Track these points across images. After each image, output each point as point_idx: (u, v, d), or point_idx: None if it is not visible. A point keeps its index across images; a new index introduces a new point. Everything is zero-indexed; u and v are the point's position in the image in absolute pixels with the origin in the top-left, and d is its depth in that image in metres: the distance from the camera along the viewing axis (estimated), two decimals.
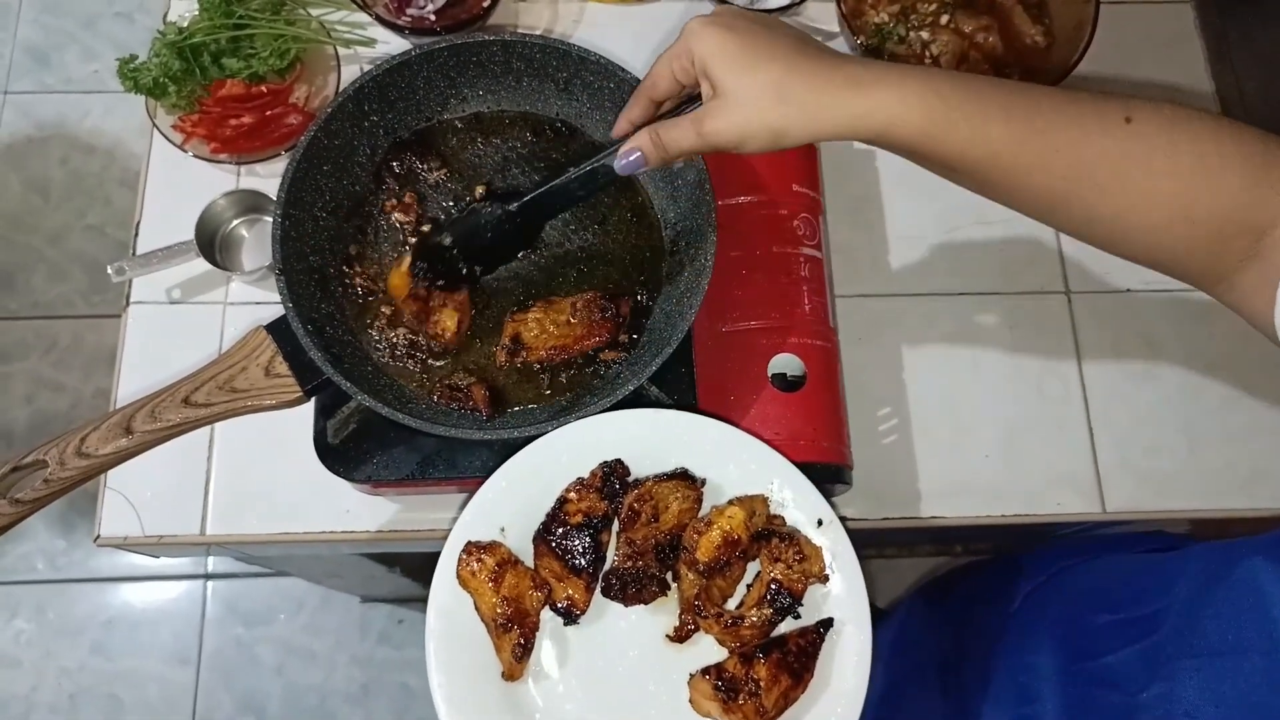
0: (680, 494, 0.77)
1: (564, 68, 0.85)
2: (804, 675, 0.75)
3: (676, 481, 0.78)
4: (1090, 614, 0.82)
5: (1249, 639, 0.62)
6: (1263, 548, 0.65)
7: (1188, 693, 0.65)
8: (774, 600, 0.75)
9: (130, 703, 1.79)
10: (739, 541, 0.75)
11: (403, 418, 0.73)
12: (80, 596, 1.85)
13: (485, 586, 0.74)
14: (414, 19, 0.97)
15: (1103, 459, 0.93)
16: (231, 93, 0.94)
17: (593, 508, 0.77)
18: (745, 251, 0.86)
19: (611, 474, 0.78)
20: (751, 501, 0.78)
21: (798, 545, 0.77)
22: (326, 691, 1.81)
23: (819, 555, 0.78)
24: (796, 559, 0.76)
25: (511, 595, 0.74)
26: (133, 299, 0.94)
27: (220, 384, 0.73)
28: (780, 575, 0.75)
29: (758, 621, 0.75)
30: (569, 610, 0.76)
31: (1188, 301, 0.98)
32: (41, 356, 1.93)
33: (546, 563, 0.76)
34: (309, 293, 0.78)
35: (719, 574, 0.77)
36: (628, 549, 0.76)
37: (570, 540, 0.76)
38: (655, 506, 0.77)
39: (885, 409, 0.93)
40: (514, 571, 0.75)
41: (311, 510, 0.88)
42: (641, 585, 0.76)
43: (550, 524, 0.77)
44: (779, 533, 0.78)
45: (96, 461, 0.69)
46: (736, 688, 0.73)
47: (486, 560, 0.75)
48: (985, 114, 0.59)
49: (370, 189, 0.85)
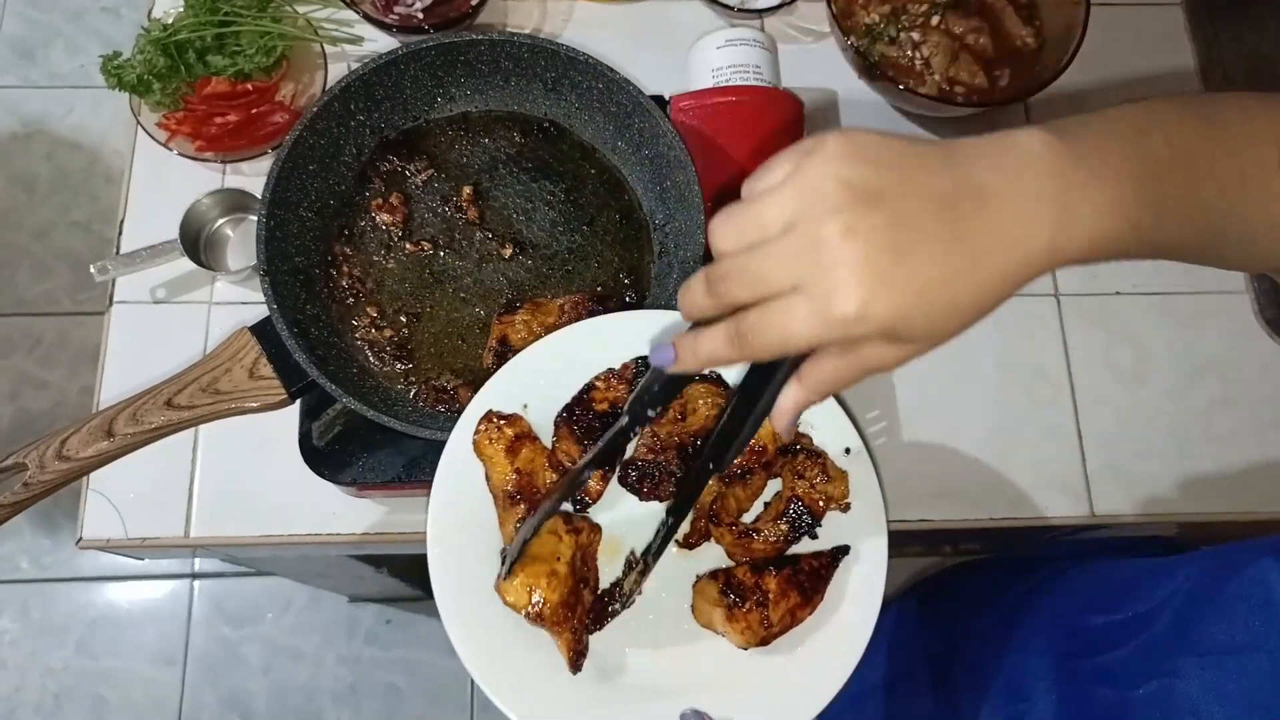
0: (711, 397, 0.75)
1: (552, 67, 0.84)
2: (814, 597, 0.72)
3: (709, 385, 0.75)
4: (1085, 614, 0.82)
5: (1258, 637, 0.62)
6: (1273, 549, 0.65)
7: (1191, 690, 0.65)
8: (792, 517, 0.73)
9: (115, 703, 1.78)
10: (765, 451, 0.73)
11: (388, 420, 0.72)
12: (65, 596, 1.84)
13: (500, 455, 0.71)
14: (401, 17, 0.96)
15: (1091, 462, 0.93)
16: (217, 90, 0.93)
17: (619, 398, 0.74)
18: None
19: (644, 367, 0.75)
20: None
21: (824, 465, 0.74)
22: (313, 691, 1.81)
23: (844, 479, 0.75)
24: (820, 478, 0.73)
25: (525, 469, 0.71)
26: (116, 298, 0.93)
27: (204, 386, 0.72)
28: (802, 491, 0.73)
29: (772, 536, 0.72)
30: (582, 497, 0.73)
31: (1176, 304, 0.98)
32: (26, 354, 1.92)
33: (565, 446, 0.74)
34: (294, 294, 0.78)
35: (739, 482, 0.74)
36: (651, 442, 0.73)
37: (592, 426, 0.73)
38: (684, 405, 0.74)
39: (874, 411, 0.93)
40: (531, 447, 0.72)
41: (297, 512, 0.87)
42: (659, 480, 0.73)
43: (574, 407, 0.74)
44: (806, 449, 0.75)
45: (77, 464, 0.68)
46: (744, 595, 0.70)
47: (506, 430, 0.72)
48: (1168, 212, 0.51)
49: (356, 189, 0.85)
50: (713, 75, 0.93)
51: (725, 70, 0.93)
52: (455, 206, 0.85)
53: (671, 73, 0.97)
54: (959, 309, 0.48)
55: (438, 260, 0.83)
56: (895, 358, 0.50)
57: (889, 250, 0.46)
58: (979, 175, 0.48)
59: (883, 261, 0.46)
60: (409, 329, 0.81)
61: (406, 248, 0.83)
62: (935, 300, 0.47)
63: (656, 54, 0.99)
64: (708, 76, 0.93)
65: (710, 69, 0.93)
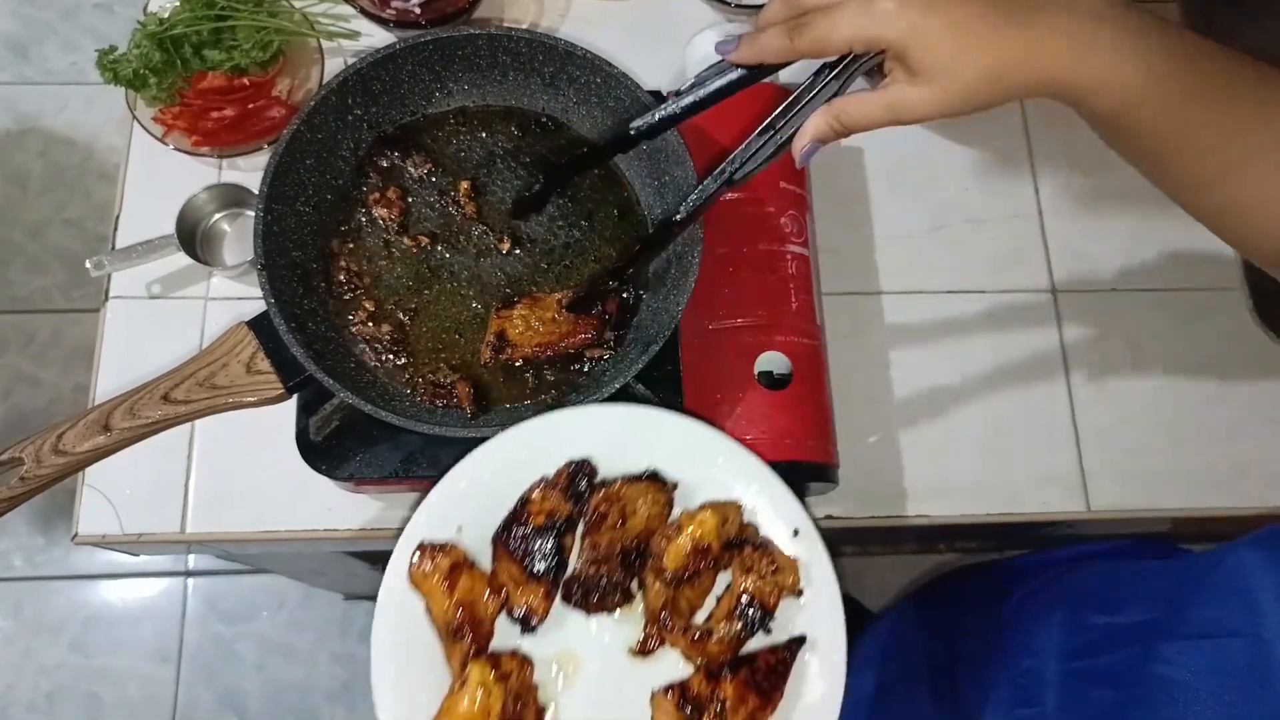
0: (650, 497, 0.74)
1: (550, 62, 0.84)
2: (773, 695, 0.71)
3: (646, 484, 0.74)
4: (1084, 616, 0.82)
5: (1236, 623, 0.64)
6: (1250, 541, 0.67)
7: (1171, 672, 0.66)
8: (745, 613, 0.72)
9: (110, 700, 1.78)
10: (709, 550, 0.72)
11: (386, 415, 0.72)
12: (59, 594, 1.83)
13: (438, 589, 0.70)
14: (398, 12, 0.96)
15: (1087, 457, 0.93)
16: (213, 85, 0.93)
17: (556, 509, 0.73)
18: (732, 249, 0.85)
19: (578, 473, 0.74)
20: (724, 508, 0.75)
21: (771, 556, 0.73)
22: (308, 689, 1.80)
23: (793, 567, 0.74)
24: (770, 569, 0.73)
25: (465, 600, 0.70)
26: (112, 293, 0.93)
27: (200, 381, 0.72)
28: (752, 586, 0.72)
29: (727, 636, 0.71)
30: (527, 617, 0.72)
31: (1172, 301, 0.99)
32: (19, 351, 1.91)
33: (505, 566, 0.72)
34: (291, 288, 0.78)
35: (687, 584, 0.73)
36: (591, 554, 0.72)
37: (531, 543, 0.71)
38: (623, 509, 0.73)
39: (871, 407, 0.93)
40: (469, 574, 0.71)
41: (293, 508, 0.87)
42: (604, 593, 0.72)
43: (510, 525, 0.73)
44: (753, 542, 0.74)
45: (74, 459, 0.68)
46: (701, 707, 0.69)
47: (440, 561, 0.71)
48: (1183, 94, 0.55)
49: (354, 183, 0.84)
50: None
51: None
52: (453, 201, 0.84)
53: (669, 68, 0.97)
54: (975, 63, 0.54)
55: (435, 255, 0.83)
56: (918, 98, 0.56)
57: (952, 32, 0.54)
58: None
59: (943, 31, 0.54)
60: (406, 324, 0.81)
61: (404, 242, 0.83)
62: (960, 39, 0.54)
63: (653, 49, 0.99)
64: None
65: (708, 64, 0.93)
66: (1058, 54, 0.55)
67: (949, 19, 0.54)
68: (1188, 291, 0.99)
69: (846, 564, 1.86)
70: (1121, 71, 0.55)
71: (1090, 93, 0.56)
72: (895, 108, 0.57)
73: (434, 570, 0.71)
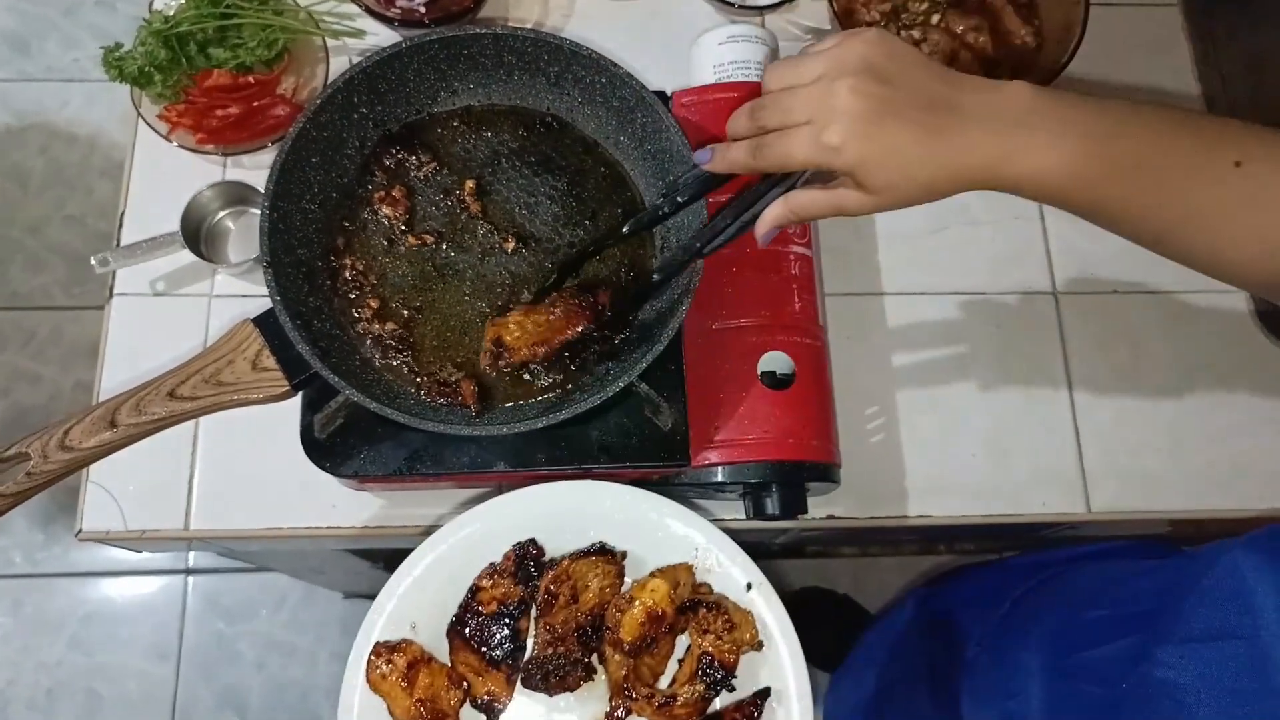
0: (600, 570, 0.75)
1: (555, 62, 0.84)
2: None
3: (595, 557, 0.75)
4: (1079, 611, 0.83)
5: (1233, 626, 0.64)
6: (1245, 543, 0.67)
7: (1169, 675, 0.67)
8: (706, 674, 0.72)
9: (109, 698, 1.78)
10: (664, 616, 0.73)
11: (391, 412, 0.72)
12: (58, 591, 1.83)
13: (398, 689, 0.71)
14: (404, 11, 0.96)
15: (1088, 458, 0.94)
16: (218, 83, 0.93)
17: (508, 594, 0.74)
18: (735, 249, 0.85)
19: (525, 555, 0.75)
20: (675, 571, 0.76)
21: (726, 614, 0.74)
22: (308, 687, 1.81)
23: (749, 622, 0.75)
24: (725, 629, 0.73)
25: (427, 696, 0.71)
26: (116, 290, 0.93)
27: (206, 377, 0.72)
28: (710, 647, 0.73)
29: (691, 699, 0.72)
30: (491, 705, 0.73)
31: (1173, 302, 0.99)
32: (20, 348, 1.91)
33: (463, 657, 0.73)
34: (296, 286, 0.78)
35: (646, 652, 0.74)
36: (547, 635, 0.73)
37: (486, 631, 0.73)
38: (574, 586, 0.74)
39: (873, 407, 0.94)
40: (428, 670, 0.72)
41: (297, 505, 0.87)
42: (565, 672, 0.73)
43: (464, 615, 0.74)
44: (705, 602, 0.75)
45: (80, 455, 0.68)
46: None
47: (397, 661, 0.72)
48: (1111, 177, 0.61)
49: (359, 182, 0.85)
50: (714, 71, 0.93)
51: (727, 66, 0.93)
52: (458, 200, 0.85)
53: (673, 68, 0.97)
54: (912, 179, 0.61)
55: (440, 253, 0.83)
56: (859, 203, 0.64)
57: (878, 113, 0.60)
58: (967, 96, 0.62)
59: (871, 118, 0.60)
60: (411, 322, 0.81)
61: (409, 241, 0.83)
62: (897, 163, 0.61)
63: (658, 50, 0.99)
64: (709, 72, 0.94)
65: (712, 65, 0.93)
66: (985, 163, 0.61)
67: (887, 146, 0.61)
68: (1188, 293, 1.00)
69: (846, 565, 1.86)
70: (1044, 168, 0.61)
71: (1019, 187, 0.62)
72: (840, 206, 0.65)
73: (392, 671, 0.72)
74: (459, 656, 0.74)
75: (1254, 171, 0.59)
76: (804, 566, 1.84)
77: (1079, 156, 0.60)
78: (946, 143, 0.61)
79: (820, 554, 1.85)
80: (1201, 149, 0.61)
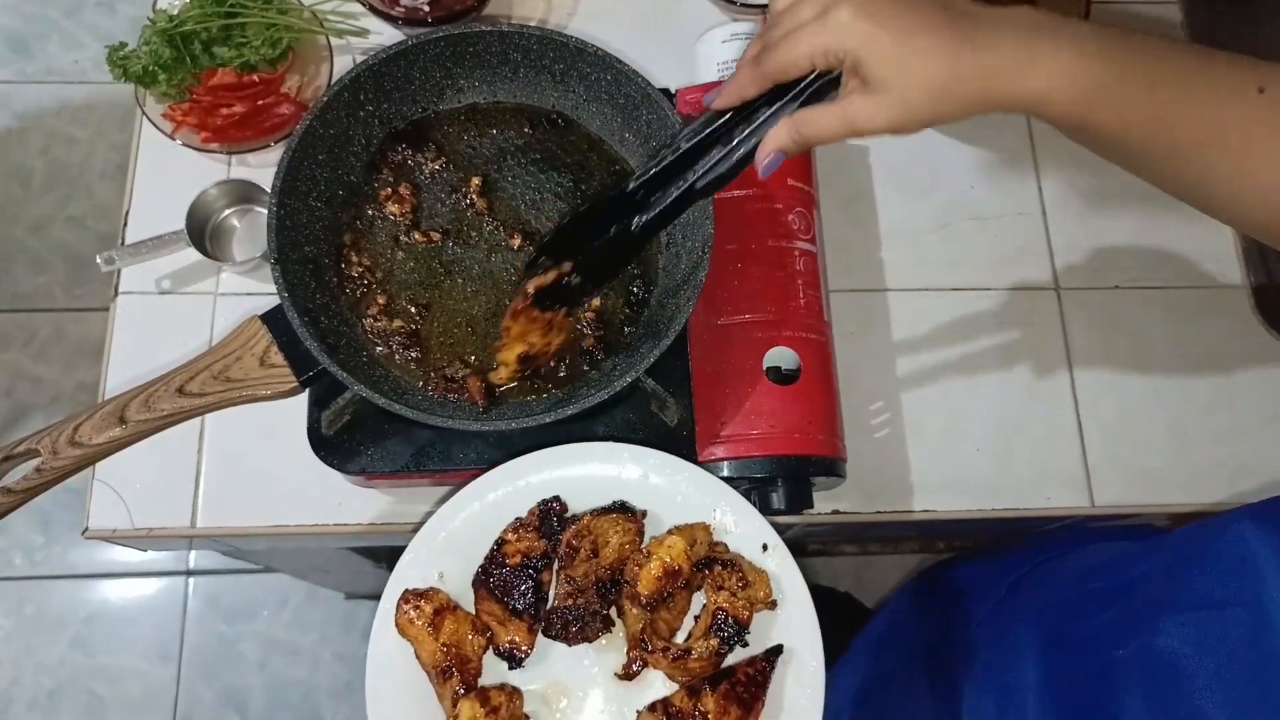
0: (620, 527, 0.76)
1: (561, 59, 0.84)
2: (754, 705, 0.73)
3: (615, 515, 0.77)
4: (1079, 585, 0.83)
5: (1235, 593, 0.65)
6: (1249, 513, 0.68)
7: (1171, 643, 0.67)
8: (720, 630, 0.74)
9: (110, 699, 1.77)
10: (680, 572, 0.74)
11: (399, 408, 0.72)
12: (60, 592, 1.83)
13: (424, 634, 0.73)
14: (407, 9, 0.96)
15: (1091, 454, 0.94)
16: (222, 82, 0.93)
17: (531, 547, 0.76)
18: (741, 245, 0.86)
19: (549, 512, 0.77)
20: (692, 530, 0.77)
21: (741, 571, 0.76)
22: (310, 688, 1.80)
23: (764, 581, 0.77)
24: (740, 586, 0.75)
25: (452, 641, 0.73)
26: (121, 289, 0.93)
27: (215, 374, 0.72)
28: (725, 603, 0.74)
29: (705, 653, 0.73)
30: (512, 653, 0.75)
31: (1175, 299, 1.00)
32: (21, 349, 1.91)
33: (487, 606, 0.75)
34: (304, 282, 0.78)
35: (663, 606, 0.75)
36: (568, 587, 0.75)
37: (510, 582, 0.75)
38: (594, 542, 0.76)
39: (878, 403, 0.94)
40: (453, 617, 0.74)
41: (303, 503, 0.87)
42: (584, 623, 0.75)
43: (489, 566, 0.76)
44: (721, 559, 0.77)
45: (90, 451, 0.68)
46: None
47: (424, 607, 0.74)
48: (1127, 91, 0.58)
49: (365, 179, 0.85)
50: (718, 69, 0.94)
51: (730, 64, 0.93)
52: (464, 197, 0.85)
53: (677, 66, 0.98)
54: (924, 75, 0.57)
55: (446, 250, 0.84)
56: (869, 112, 0.59)
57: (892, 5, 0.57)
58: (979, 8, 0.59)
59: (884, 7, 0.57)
60: (418, 318, 0.82)
61: (415, 238, 0.84)
62: (907, 52, 0.57)
63: (661, 47, 0.99)
64: (713, 70, 0.94)
65: (716, 62, 0.94)
66: (1002, 67, 0.57)
67: (899, 30, 0.57)
68: (1191, 289, 1.00)
69: (847, 564, 1.87)
70: (1067, 80, 0.57)
71: (1041, 103, 0.58)
72: (850, 119, 0.60)
73: (419, 616, 0.74)
74: (483, 606, 0.76)
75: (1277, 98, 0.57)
76: (806, 565, 1.82)
77: (1100, 61, 0.57)
78: (961, 40, 0.57)
79: (822, 553, 1.85)
80: (1226, 71, 0.59)
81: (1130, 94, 0.58)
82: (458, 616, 0.75)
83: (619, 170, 0.87)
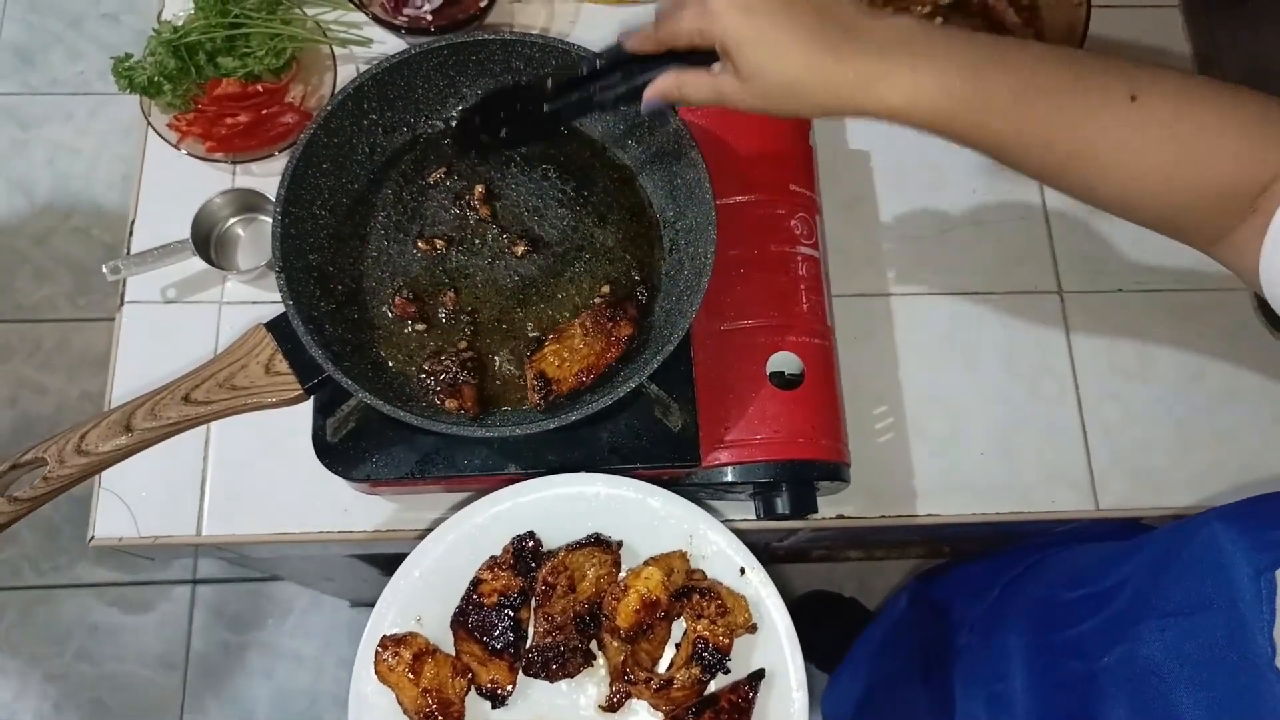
0: (596, 560, 0.77)
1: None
2: None
3: (591, 548, 0.77)
4: (1056, 592, 0.84)
5: (1211, 597, 0.65)
6: (1221, 515, 0.68)
7: (1152, 652, 0.67)
8: (701, 658, 0.74)
9: (116, 708, 1.77)
10: (658, 603, 0.75)
11: (404, 415, 0.72)
12: (65, 602, 1.83)
13: (405, 680, 0.73)
14: (410, 19, 0.97)
15: (1095, 457, 0.94)
16: (227, 92, 0.94)
17: (507, 585, 0.76)
18: (743, 250, 0.86)
19: (523, 548, 0.77)
20: (669, 559, 0.78)
21: (719, 599, 0.76)
22: (315, 695, 1.80)
23: (743, 606, 0.77)
24: (719, 613, 0.75)
25: (433, 685, 0.74)
26: (127, 298, 0.93)
27: (220, 381, 0.73)
28: (705, 632, 0.75)
29: (687, 681, 0.74)
30: (495, 693, 0.75)
31: (1178, 301, 1.00)
32: (25, 359, 1.91)
33: (467, 647, 0.76)
34: (308, 290, 0.78)
35: (643, 638, 0.76)
36: (546, 625, 0.75)
37: (488, 622, 0.75)
38: (571, 577, 0.76)
39: (881, 407, 0.94)
40: (433, 661, 0.75)
41: (309, 510, 0.88)
42: (564, 660, 0.75)
43: (466, 607, 0.76)
44: (699, 588, 0.77)
45: (96, 459, 0.68)
46: None
47: (403, 653, 0.74)
48: (991, 106, 0.60)
49: (369, 188, 0.85)
50: None
51: None
52: (468, 205, 0.85)
53: None
54: (781, 72, 0.61)
55: (450, 258, 0.84)
56: (735, 92, 0.63)
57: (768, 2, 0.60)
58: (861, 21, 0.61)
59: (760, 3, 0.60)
60: (423, 325, 0.82)
61: (420, 246, 0.84)
62: (769, 50, 0.60)
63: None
64: None
65: None
66: (856, 82, 0.60)
67: (765, 27, 0.60)
68: (1193, 292, 1.00)
69: (851, 569, 1.86)
70: (924, 97, 0.60)
71: (896, 115, 0.61)
72: (719, 92, 0.65)
73: (398, 662, 0.74)
74: (463, 647, 0.76)
75: (1150, 105, 0.58)
76: (810, 571, 1.84)
77: (961, 77, 0.59)
78: (827, 46, 0.60)
79: (826, 558, 1.85)
80: (1095, 83, 0.60)
81: (999, 105, 0.60)
82: (438, 660, 0.75)
83: (621, 175, 0.87)
